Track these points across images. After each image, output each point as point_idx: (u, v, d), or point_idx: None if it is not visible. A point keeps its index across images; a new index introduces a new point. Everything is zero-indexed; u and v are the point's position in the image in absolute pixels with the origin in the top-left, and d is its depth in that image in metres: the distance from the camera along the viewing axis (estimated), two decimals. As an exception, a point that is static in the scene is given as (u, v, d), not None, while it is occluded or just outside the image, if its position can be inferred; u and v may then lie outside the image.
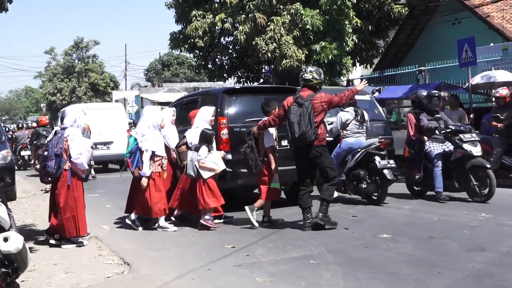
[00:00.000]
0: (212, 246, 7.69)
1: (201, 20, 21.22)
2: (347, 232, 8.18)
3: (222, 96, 10.44)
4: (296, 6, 19.23)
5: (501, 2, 19.71)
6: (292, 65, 18.99)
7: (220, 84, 38.58)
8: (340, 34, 18.99)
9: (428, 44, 22.71)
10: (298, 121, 8.11)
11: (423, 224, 8.56)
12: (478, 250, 6.80)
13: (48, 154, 7.98)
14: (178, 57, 66.87)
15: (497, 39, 18.57)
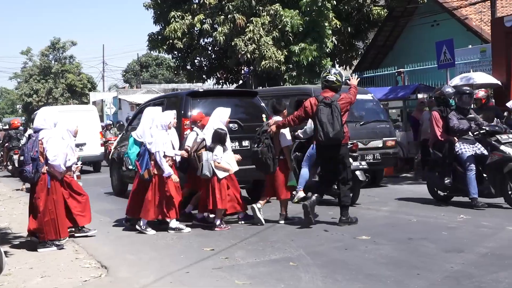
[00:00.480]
0: (191, 249, 7.64)
1: (180, 21, 21.12)
2: (326, 234, 8.18)
3: (186, 99, 11.02)
4: (275, 7, 19.22)
5: (479, 5, 19.90)
6: (271, 66, 18.97)
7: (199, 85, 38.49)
8: (320, 35, 19.01)
9: (407, 46, 22.86)
10: (331, 121, 8.34)
11: (402, 225, 8.59)
12: (457, 251, 6.84)
13: (25, 158, 7.78)
14: (156, 58, 66.56)
15: (476, 41, 18.74)
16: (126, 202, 12.12)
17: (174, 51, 22.94)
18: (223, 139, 9.02)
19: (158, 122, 8.80)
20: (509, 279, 5.64)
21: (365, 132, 12.97)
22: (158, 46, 22.73)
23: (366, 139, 12.95)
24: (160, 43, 22.60)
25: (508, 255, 6.62)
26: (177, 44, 21.38)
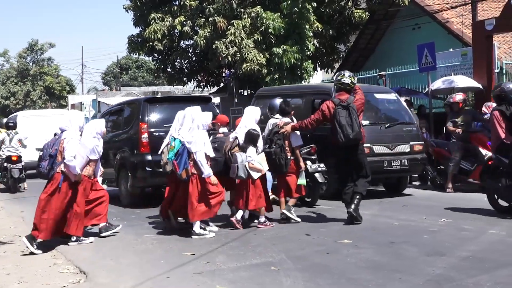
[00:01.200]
0: (171, 254, 7.57)
1: (160, 23, 21.02)
2: (308, 238, 8.14)
3: (144, 105, 11.94)
4: (257, 9, 19.20)
5: (460, 8, 20.05)
6: (252, 69, 18.94)
7: (180, 88, 38.35)
8: (301, 38, 19.02)
9: (388, 49, 22.95)
10: (350, 123, 8.68)
11: (384, 229, 8.58)
12: (438, 255, 6.84)
13: (43, 154, 8.08)
14: (136, 61, 66.31)
15: (457, 45, 18.87)
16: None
17: (154, 53, 22.85)
18: (256, 139, 9.16)
19: (199, 122, 8.75)
20: (490, 283, 5.65)
21: (391, 136, 11.78)
22: (138, 48, 22.63)
23: (392, 143, 11.77)
24: (140, 45, 22.50)
25: (489, 258, 6.63)
26: (157, 46, 21.28)
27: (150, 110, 11.82)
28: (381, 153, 11.56)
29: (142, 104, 11.95)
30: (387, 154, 11.62)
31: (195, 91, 31.20)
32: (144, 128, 11.54)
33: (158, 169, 10.25)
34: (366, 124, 10.68)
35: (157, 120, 11.81)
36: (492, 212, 9.36)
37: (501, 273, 6.04)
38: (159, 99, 12.66)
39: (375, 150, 11.44)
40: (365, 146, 9.91)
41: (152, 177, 11.44)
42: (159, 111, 11.90)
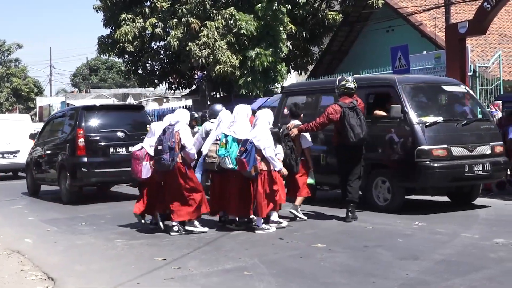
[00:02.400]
0: (142, 259, 7.44)
1: (131, 24, 20.82)
2: (281, 242, 8.07)
3: (81, 112, 13.19)
4: (230, 10, 19.10)
5: (433, 11, 20.18)
6: (226, 71, 18.84)
7: (151, 90, 38.12)
8: (275, 40, 19.00)
9: (362, 51, 23.02)
10: (359, 124, 9.20)
11: (358, 233, 8.55)
12: (412, 259, 6.84)
13: (163, 148, 8.55)
14: (106, 62, 65.75)
15: (430, 47, 18.97)
16: (70, 210, 12.01)
17: (125, 54, 22.66)
18: (280, 138, 9.48)
19: (265, 119, 9.08)
20: (464, 286, 5.65)
21: (469, 135, 10.14)
22: (108, 49, 22.42)
23: (472, 144, 10.07)
24: (110, 46, 22.30)
25: (463, 262, 6.64)
26: (128, 47, 21.08)
27: (87, 117, 13.09)
28: (461, 156, 9.91)
29: (80, 111, 13.27)
30: (467, 157, 9.97)
31: (167, 93, 31.03)
32: (81, 133, 12.80)
33: (93, 170, 12.65)
34: (440, 121, 9.94)
35: (93, 126, 13.08)
36: (466, 216, 9.41)
37: (474, 276, 6.05)
38: (96, 107, 14.13)
39: (453, 153, 9.85)
40: (442, 148, 9.74)
41: (87, 177, 12.84)
42: (96, 118, 13.22)
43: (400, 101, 9.97)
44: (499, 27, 21.01)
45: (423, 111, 10.15)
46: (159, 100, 40.61)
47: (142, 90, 40.41)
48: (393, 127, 10.06)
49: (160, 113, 27.67)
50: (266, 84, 19.54)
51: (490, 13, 14.54)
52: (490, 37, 20.00)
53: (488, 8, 14.43)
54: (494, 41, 20.47)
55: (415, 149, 9.68)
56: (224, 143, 8.83)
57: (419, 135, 9.71)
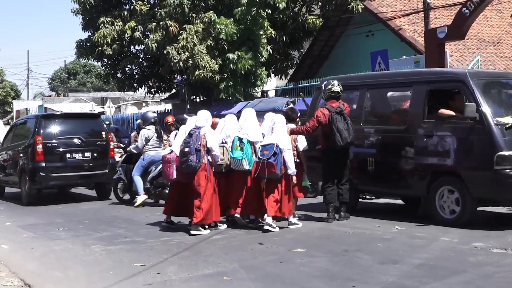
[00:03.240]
0: (120, 265, 7.36)
1: (110, 27, 20.68)
2: (261, 247, 8.04)
3: (40, 120, 14.18)
4: (209, 14, 19.06)
5: (413, 16, 20.29)
6: (205, 76, 18.77)
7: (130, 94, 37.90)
8: (255, 44, 18.97)
9: (342, 55, 23.08)
10: (346, 128, 9.49)
11: (337, 237, 8.55)
12: (391, 263, 6.86)
13: (190, 150, 8.89)
14: (85, 66, 65.28)
15: (409, 52, 19.07)
16: (47, 216, 11.89)
17: (104, 58, 22.48)
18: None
19: (283, 123, 9.55)
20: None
21: None
22: (87, 53, 22.24)
23: None
24: (89, 50, 22.11)
25: (441, 266, 6.68)
26: (107, 51, 20.91)
27: (46, 124, 14.01)
28: None
29: (39, 119, 14.28)
30: None
31: (146, 97, 30.86)
32: (39, 140, 13.65)
33: (50, 174, 13.59)
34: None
35: (52, 133, 13.97)
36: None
37: (453, 280, 6.08)
38: (55, 115, 15.69)
39: None
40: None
41: (45, 181, 13.74)
42: (54, 126, 14.12)
43: (474, 99, 8.83)
44: (477, 32, 21.20)
45: (500, 110, 9.08)
46: (138, 104, 40.40)
47: (121, 94, 40.12)
48: (465, 129, 8.97)
49: (139, 117, 27.51)
50: (246, 88, 19.48)
51: (468, 18, 14.69)
52: (469, 42, 20.19)
53: (466, 13, 14.58)
54: (472, 46, 20.66)
55: (494, 155, 8.55)
56: (239, 146, 9.23)
57: (498, 139, 8.59)
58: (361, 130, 10.22)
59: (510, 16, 12.42)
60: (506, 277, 6.16)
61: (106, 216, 11.47)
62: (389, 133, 10.19)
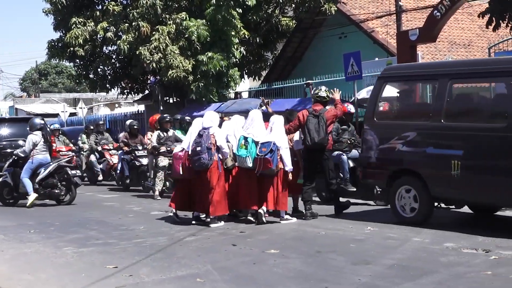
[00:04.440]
0: (92, 267, 7.29)
1: (82, 28, 20.48)
2: (234, 248, 8.03)
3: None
4: (182, 15, 18.98)
5: (385, 18, 20.43)
6: (178, 76, 18.69)
7: (103, 95, 37.62)
8: (227, 45, 18.93)
9: (315, 57, 23.15)
10: (317, 129, 9.90)
11: (311, 238, 8.58)
12: (364, 264, 6.90)
13: (202, 148, 9.55)
14: (56, 66, 64.59)
15: (382, 54, 19.19)
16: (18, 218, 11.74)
17: (76, 59, 22.22)
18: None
19: (281, 124, 10.13)
20: (415, 291, 5.70)
21: None
22: (59, 53, 21.96)
23: None
24: (60, 50, 21.85)
25: (413, 266, 6.73)
26: (79, 51, 20.68)
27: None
28: None
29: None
30: None
31: (119, 98, 30.64)
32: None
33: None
34: None
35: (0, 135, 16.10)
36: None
37: (425, 280, 6.14)
38: (3, 119, 17.81)
39: None
40: None
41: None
42: (4, 128, 16.23)
43: None
44: (448, 34, 21.45)
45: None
46: (111, 105, 40.13)
47: (93, 95, 39.79)
48: None
49: (111, 118, 27.32)
50: (219, 89, 19.43)
51: (440, 21, 14.83)
52: (440, 45, 20.40)
53: (438, 16, 14.72)
54: (444, 49, 20.89)
55: None
56: (244, 145, 9.82)
57: None
58: (440, 128, 8.91)
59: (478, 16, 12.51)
60: (476, 277, 6.23)
61: (78, 218, 11.35)
62: (483, 131, 8.55)
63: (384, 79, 10.12)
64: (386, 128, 9.84)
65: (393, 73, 10.50)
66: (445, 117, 8.89)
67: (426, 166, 8.99)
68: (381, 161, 9.79)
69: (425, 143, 9.08)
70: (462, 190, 8.70)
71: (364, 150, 10.21)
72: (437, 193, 9.02)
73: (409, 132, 9.39)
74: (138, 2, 19.28)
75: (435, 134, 8.96)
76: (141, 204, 13.07)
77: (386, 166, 9.70)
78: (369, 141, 10.03)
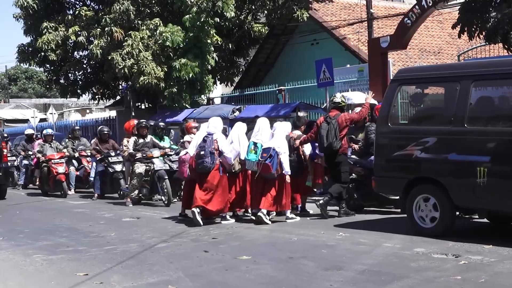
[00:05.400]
0: (62, 274, 7.20)
1: (53, 32, 20.28)
2: (206, 255, 8.00)
3: None
4: (155, 21, 18.91)
5: (357, 25, 20.61)
6: (150, 82, 18.61)
7: (74, 100, 37.25)
8: (202, 51, 18.91)
9: (288, 63, 23.24)
10: (326, 135, 10.47)
11: (283, 244, 8.58)
12: (336, 269, 6.91)
13: (205, 152, 10.34)
14: (26, 71, 63.83)
15: (353, 61, 19.33)
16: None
17: (47, 64, 22.02)
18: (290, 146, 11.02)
19: (283, 130, 10.86)
20: (387, 296, 5.73)
21: None
22: (29, 58, 21.74)
23: None
24: (31, 55, 21.63)
25: (384, 271, 6.76)
26: (50, 56, 20.50)
27: None
28: None
29: None
30: None
31: (90, 104, 30.38)
32: None
33: None
34: None
35: None
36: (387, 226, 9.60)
37: (395, 286, 6.16)
38: None
39: None
40: None
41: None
42: None
43: None
44: (419, 42, 21.71)
45: None
46: (82, 111, 39.78)
47: (64, 101, 39.44)
48: None
49: (82, 124, 27.05)
50: (192, 95, 19.40)
51: (410, 28, 14.99)
52: (411, 52, 20.63)
53: (408, 23, 14.88)
54: (414, 56, 21.13)
55: None
56: (253, 150, 10.50)
57: None
58: (463, 132, 8.35)
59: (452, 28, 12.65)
60: (446, 282, 6.28)
61: (48, 225, 11.22)
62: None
63: (398, 81, 9.56)
64: (401, 133, 9.25)
65: (409, 75, 9.80)
66: (468, 121, 8.32)
67: (448, 173, 8.43)
68: (397, 168, 9.15)
69: (447, 149, 8.46)
70: (489, 198, 8.14)
71: (377, 157, 9.51)
72: (460, 202, 8.45)
73: (428, 137, 8.77)
74: (111, 7, 19.19)
75: (458, 139, 8.37)
76: (112, 211, 12.97)
77: (402, 174, 9.05)
78: (383, 148, 9.39)
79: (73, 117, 37.08)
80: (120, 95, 24.10)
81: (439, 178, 8.51)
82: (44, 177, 16.76)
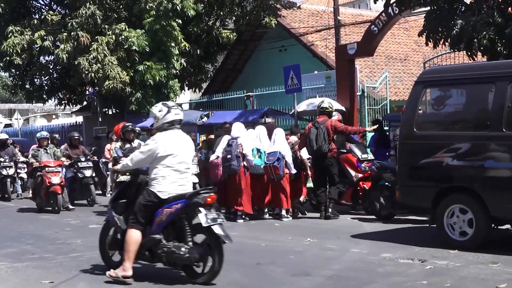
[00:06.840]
0: (27, 282, 7.09)
1: (19, 36, 19.99)
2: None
3: None
4: (121, 26, 18.79)
5: (324, 32, 20.74)
6: (115, 87, 18.45)
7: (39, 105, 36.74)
8: (166, 55, 18.83)
9: (256, 70, 23.28)
10: (316, 139, 11.02)
11: (251, 250, 8.57)
12: (304, 275, 6.94)
13: (232, 156, 11.21)
14: (-10, 76, 62.73)
15: (321, 67, 19.46)
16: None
17: (12, 68, 21.66)
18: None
19: (283, 135, 11.77)
20: (354, 302, 5.77)
21: None
22: (-6, 62, 21.37)
23: None
24: (-5, 59, 21.27)
25: (352, 276, 6.81)
26: (16, 60, 20.16)
27: None
28: None
29: None
30: None
31: (56, 109, 30.00)
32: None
33: None
34: None
35: None
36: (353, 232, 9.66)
37: (363, 291, 6.20)
38: None
39: None
40: None
41: None
42: None
43: None
44: (386, 49, 21.93)
45: None
46: (48, 116, 39.22)
47: (29, 106, 38.81)
48: None
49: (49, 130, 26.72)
50: (159, 100, 19.23)
51: (377, 35, 15.16)
52: (378, 59, 20.81)
53: (375, 31, 15.05)
54: (381, 63, 21.33)
55: None
56: (257, 155, 11.43)
57: None
58: (502, 137, 7.79)
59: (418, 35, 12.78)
60: (412, 287, 6.35)
61: (12, 232, 11.02)
62: None
63: (423, 83, 8.75)
64: (429, 139, 8.57)
65: (435, 77, 8.98)
66: (506, 126, 7.73)
67: (485, 182, 7.90)
68: (425, 177, 8.55)
69: (483, 155, 7.90)
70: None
71: (401, 165, 8.90)
72: (498, 213, 7.87)
73: (460, 143, 8.23)
74: (77, 12, 18.98)
75: (496, 145, 7.85)
76: (78, 218, 12.80)
77: (431, 183, 8.44)
78: (408, 155, 8.72)
79: (39, 122, 36.56)
80: (87, 100, 23.85)
81: (474, 187, 7.97)
82: (37, 187, 14.20)
